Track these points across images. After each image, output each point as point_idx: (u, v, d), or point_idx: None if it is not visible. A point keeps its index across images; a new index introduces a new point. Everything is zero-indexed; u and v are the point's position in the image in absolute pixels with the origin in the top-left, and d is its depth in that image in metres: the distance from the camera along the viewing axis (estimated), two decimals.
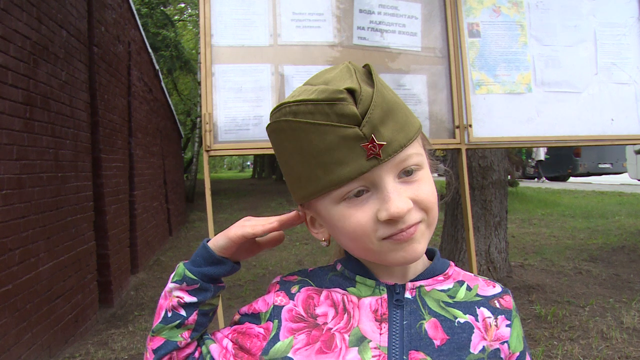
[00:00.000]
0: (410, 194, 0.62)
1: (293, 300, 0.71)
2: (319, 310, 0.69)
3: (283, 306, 0.71)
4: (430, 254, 0.75)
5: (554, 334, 3.23)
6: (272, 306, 0.72)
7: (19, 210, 2.98)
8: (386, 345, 0.65)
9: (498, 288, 0.74)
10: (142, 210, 6.29)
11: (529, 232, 7.19)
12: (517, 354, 0.71)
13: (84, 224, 4.03)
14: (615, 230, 6.91)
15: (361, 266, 0.71)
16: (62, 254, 3.55)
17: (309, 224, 0.73)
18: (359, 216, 0.61)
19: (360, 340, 0.66)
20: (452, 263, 0.75)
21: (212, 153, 2.20)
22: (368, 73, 0.63)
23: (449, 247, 4.49)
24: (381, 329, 0.67)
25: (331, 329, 0.67)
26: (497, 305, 0.71)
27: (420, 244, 0.64)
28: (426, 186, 0.64)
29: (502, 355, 0.69)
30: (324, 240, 0.71)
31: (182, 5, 18.14)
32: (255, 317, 0.74)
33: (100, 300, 4.39)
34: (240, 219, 0.76)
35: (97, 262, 4.29)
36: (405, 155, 0.61)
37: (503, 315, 0.71)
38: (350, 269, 0.72)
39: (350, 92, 0.59)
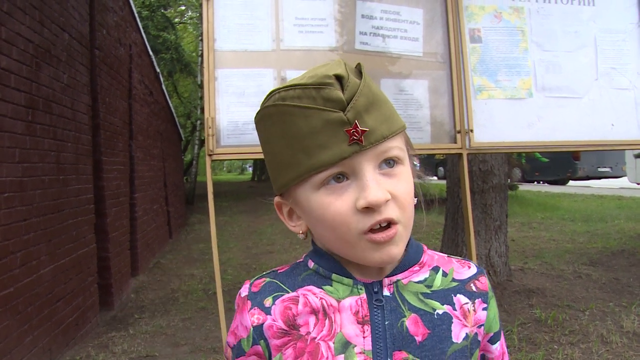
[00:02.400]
0: (388, 187, 0.61)
1: (270, 314, 0.68)
2: (299, 320, 0.67)
3: (262, 324, 0.67)
4: None
5: (554, 338, 3.23)
6: (251, 328, 0.68)
7: (21, 213, 2.99)
8: (370, 348, 0.65)
9: (473, 268, 0.73)
10: (143, 213, 6.29)
11: (529, 235, 7.20)
12: (492, 333, 0.72)
13: (85, 226, 4.03)
14: (614, 234, 6.92)
15: (335, 263, 0.69)
16: (63, 257, 3.55)
17: (286, 217, 0.71)
18: (338, 205, 0.61)
19: (345, 347, 0.65)
20: (425, 247, 0.74)
21: (214, 157, 2.21)
22: (358, 71, 0.64)
23: (449, 251, 4.50)
24: (364, 331, 0.66)
25: (315, 338, 0.66)
26: (474, 288, 0.71)
27: (398, 247, 0.63)
28: (405, 183, 0.64)
29: (479, 338, 0.70)
30: (302, 233, 0.70)
31: (183, 7, 18.17)
32: (241, 347, 0.70)
33: (101, 303, 4.39)
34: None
35: (97, 264, 4.29)
36: (387, 146, 0.62)
37: (480, 299, 0.71)
38: (324, 266, 0.69)
39: (338, 78, 0.60)
